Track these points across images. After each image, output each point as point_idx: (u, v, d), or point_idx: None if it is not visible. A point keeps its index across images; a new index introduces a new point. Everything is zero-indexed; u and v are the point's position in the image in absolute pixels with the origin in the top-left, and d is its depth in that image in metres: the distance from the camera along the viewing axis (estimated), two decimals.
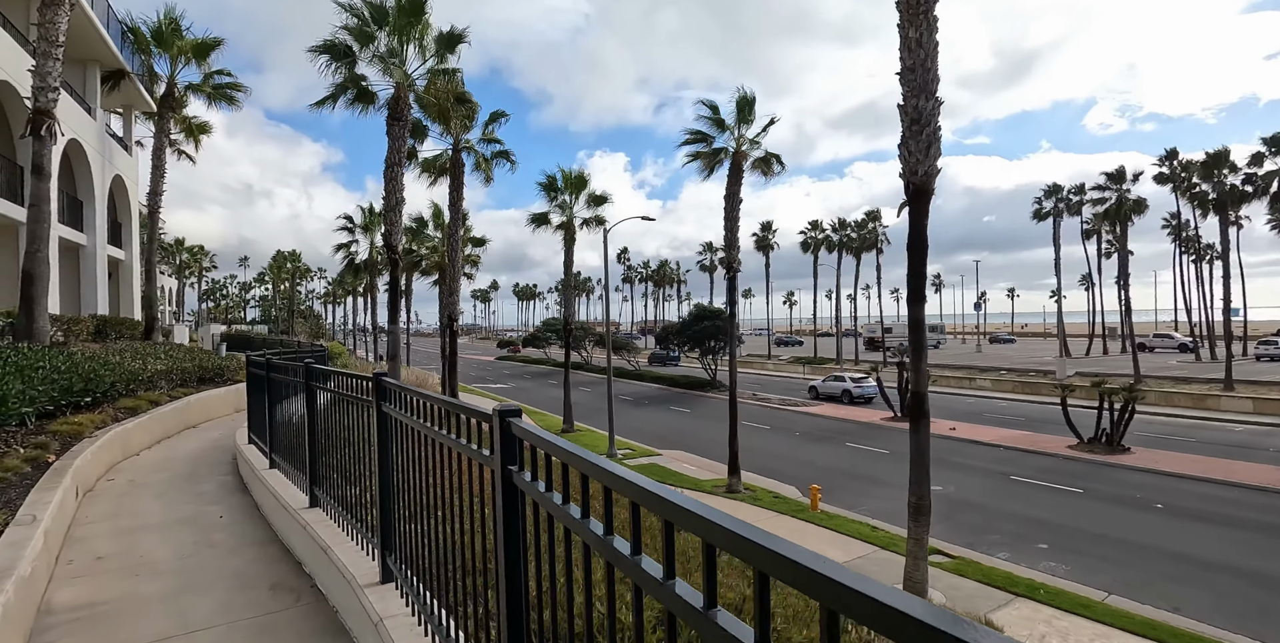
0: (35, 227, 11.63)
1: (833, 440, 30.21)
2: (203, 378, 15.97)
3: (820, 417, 36.54)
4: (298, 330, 74.58)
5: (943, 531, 18.08)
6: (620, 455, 27.28)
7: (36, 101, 11.70)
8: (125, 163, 24.36)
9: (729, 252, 21.06)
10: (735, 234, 20.85)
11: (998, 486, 22.28)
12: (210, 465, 9.01)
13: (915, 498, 9.99)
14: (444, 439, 2.66)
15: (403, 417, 3.19)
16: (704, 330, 45.64)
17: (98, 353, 13.27)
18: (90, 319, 17.41)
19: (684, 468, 25.35)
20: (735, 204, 20.73)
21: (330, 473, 4.84)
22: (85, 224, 20.38)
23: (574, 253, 32.72)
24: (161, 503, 7.10)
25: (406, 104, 18.65)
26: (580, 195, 32.05)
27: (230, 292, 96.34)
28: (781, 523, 18.18)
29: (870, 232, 60.62)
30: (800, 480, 23.22)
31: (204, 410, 13.90)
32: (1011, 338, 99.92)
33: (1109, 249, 68.87)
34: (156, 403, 12.02)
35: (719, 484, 22.21)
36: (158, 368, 13.07)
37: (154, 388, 13.00)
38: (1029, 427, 32.01)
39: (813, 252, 65.74)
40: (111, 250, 23.03)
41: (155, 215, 21.75)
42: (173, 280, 63.37)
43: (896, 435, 30.89)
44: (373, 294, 44.14)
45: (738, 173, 20.90)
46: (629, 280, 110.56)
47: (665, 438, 31.68)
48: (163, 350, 16.78)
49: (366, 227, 40.56)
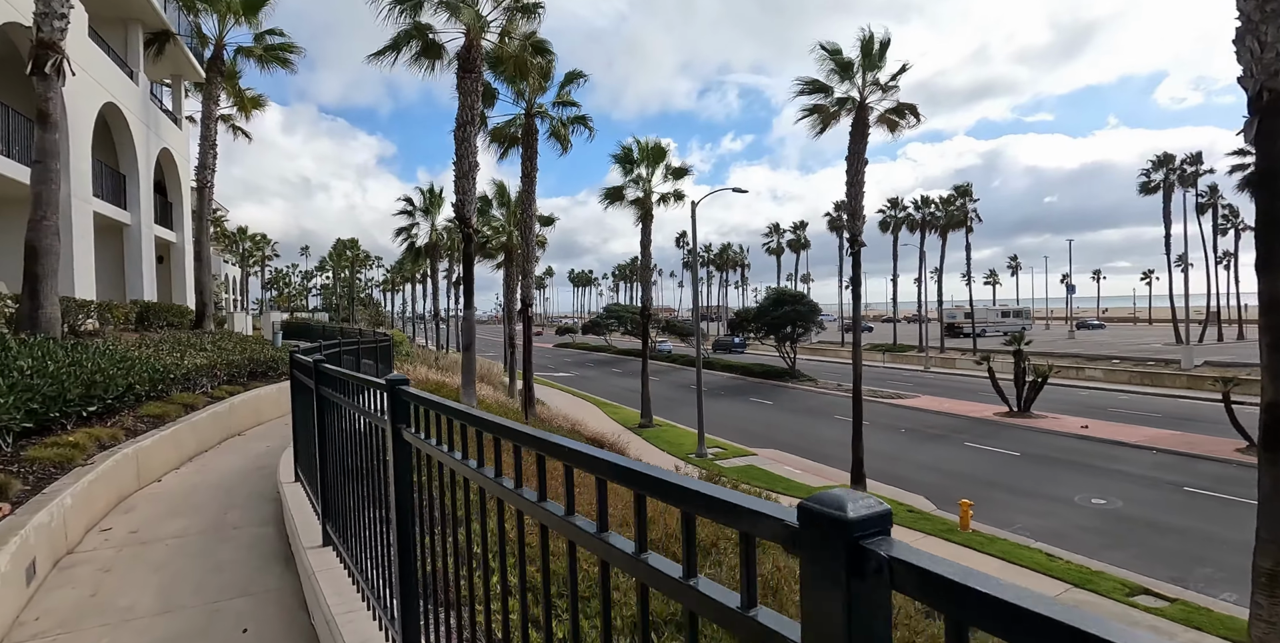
0: (41, 188, 9.32)
1: (948, 439, 26.75)
2: (254, 372, 13.70)
3: (923, 411, 32.99)
4: (358, 318, 73.92)
5: (1130, 558, 14.75)
6: (711, 455, 24.41)
7: (39, 31, 9.36)
8: (175, 137, 22.39)
9: (853, 222, 17.83)
10: (860, 201, 17.62)
11: (1173, 499, 18.67)
12: (245, 505, 6.46)
13: (1273, 563, 6.63)
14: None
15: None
16: (784, 316, 42.34)
17: (125, 346, 11.00)
18: (132, 305, 15.34)
19: (786, 471, 22.35)
20: (860, 166, 17.48)
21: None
22: (129, 201, 18.38)
23: (646, 233, 29.83)
24: (160, 588, 4.50)
25: (479, 51, 15.99)
26: (658, 168, 29.10)
27: (292, 280, 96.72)
28: (931, 548, 15.03)
29: (959, 209, 55.93)
30: (928, 489, 20.00)
31: (252, 413, 11.54)
32: (1101, 324, 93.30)
33: (1224, 225, 62.59)
34: (192, 407, 9.64)
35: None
36: (197, 363, 10.72)
37: (193, 387, 10.66)
38: (1172, 425, 27.88)
39: (892, 231, 61.36)
40: (161, 232, 21.12)
41: (205, 191, 19.64)
42: (236, 269, 62.95)
43: (1020, 434, 27.29)
44: (434, 279, 42.15)
45: (862, 128, 17.59)
46: (689, 265, 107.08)
47: (753, 434, 28.68)
48: (209, 341, 14.57)
49: (427, 209, 38.46)
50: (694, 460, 23.62)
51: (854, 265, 17.93)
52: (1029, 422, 29.33)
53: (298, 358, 5.03)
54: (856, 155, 17.69)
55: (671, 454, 24.71)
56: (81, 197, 15.10)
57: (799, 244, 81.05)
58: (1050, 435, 26.62)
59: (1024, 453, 23.90)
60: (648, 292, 30.21)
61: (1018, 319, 78.21)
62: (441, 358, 34.91)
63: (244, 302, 63.09)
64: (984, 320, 74.41)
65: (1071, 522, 17.09)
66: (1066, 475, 21.02)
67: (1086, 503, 18.38)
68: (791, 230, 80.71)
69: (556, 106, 22.74)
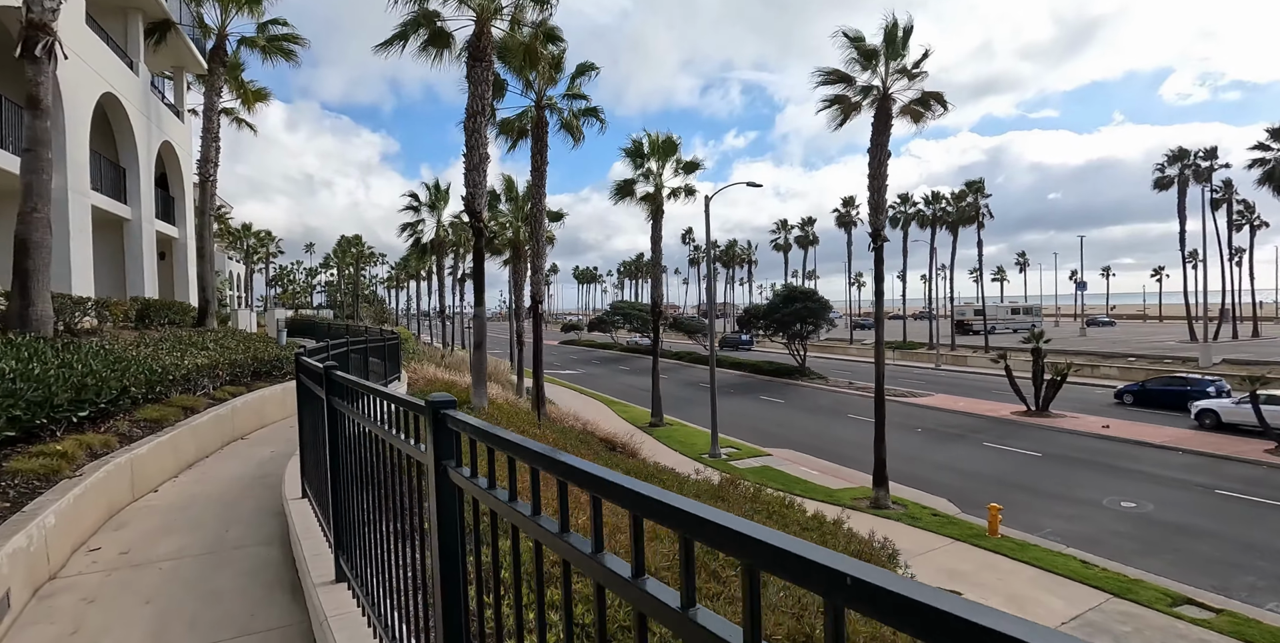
0: (32, 178, 8.76)
1: (966, 439, 26.16)
2: (258, 372, 13.18)
3: (938, 410, 32.38)
4: (362, 315, 73.48)
5: (1167, 566, 14.16)
6: (724, 455, 23.89)
7: (29, 12, 8.81)
8: (177, 130, 21.86)
9: (875, 216, 17.19)
10: (882, 195, 16.99)
11: (1205, 502, 18.07)
12: (248, 521, 5.93)
13: None
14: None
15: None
16: (794, 313, 41.71)
17: (123, 345, 10.51)
18: (131, 303, 14.81)
19: (802, 472, 21.80)
20: (883, 158, 16.86)
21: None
22: (129, 195, 17.84)
23: (657, 228, 29.24)
24: (150, 624, 3.97)
25: (490, 39, 15.42)
26: (669, 162, 28.51)
27: (297, 277, 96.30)
28: (961, 554, 14.50)
29: (969, 205, 55.16)
30: (950, 491, 19.45)
31: (256, 415, 11.02)
32: (1111, 321, 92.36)
33: (1239, 221, 61.72)
34: (193, 410, 9.12)
35: (858, 496, 18.60)
36: (197, 363, 10.20)
37: (193, 388, 10.14)
38: (1194, 424, 27.22)
39: (902, 227, 60.62)
40: (163, 227, 20.60)
41: (208, 185, 19.09)
42: (240, 266, 62.50)
43: (1039, 433, 26.68)
44: (440, 276, 41.62)
45: (885, 119, 16.95)
46: (695, 262, 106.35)
47: (765, 433, 28.15)
48: (212, 339, 14.07)
49: (433, 204, 37.88)
50: (708, 461, 23.08)
51: (877, 261, 17.29)
52: (1048, 421, 28.71)
53: (304, 362, 4.49)
54: (879, 147, 17.07)
55: (685, 454, 24.18)
56: (79, 190, 14.58)
57: (807, 240, 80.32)
58: (1071, 435, 26.01)
59: (1045, 453, 23.31)
60: (659, 288, 29.64)
61: (1028, 316, 77.42)
62: (448, 356, 34.41)
63: (248, 299, 62.68)
64: (994, 318, 73.70)
65: (1102, 526, 16.51)
66: (1091, 477, 20.43)
67: (1115, 506, 17.79)
68: (799, 227, 79.98)
69: (567, 99, 22.17)
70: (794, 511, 13.89)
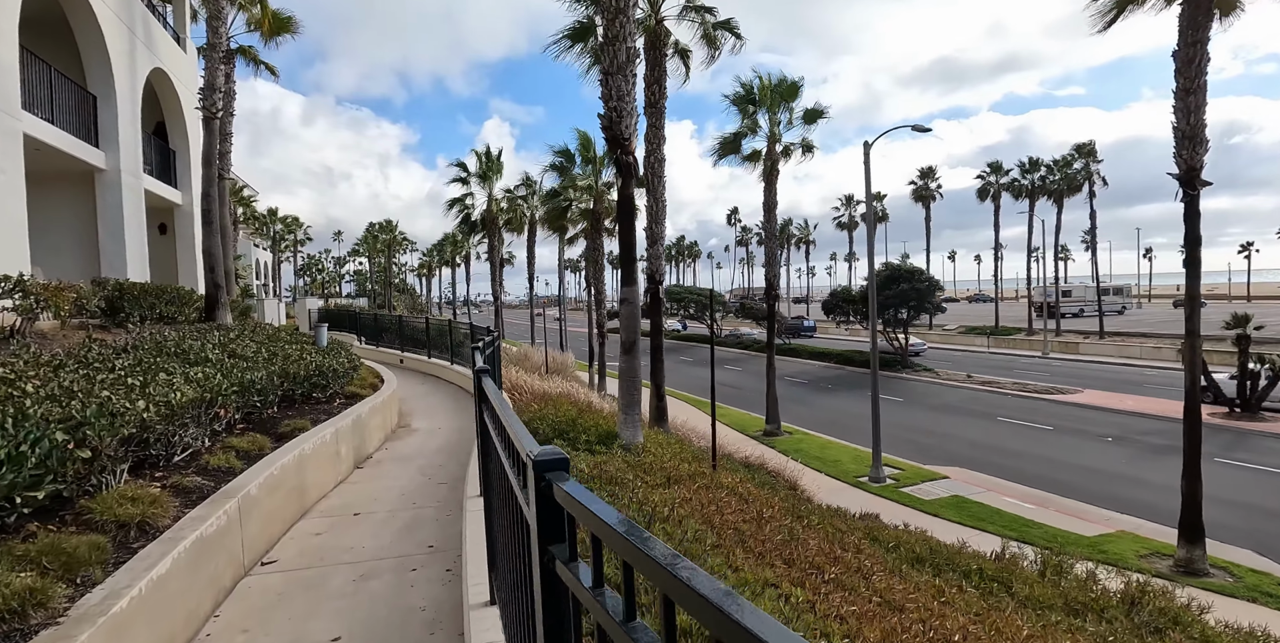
0: None
1: (1180, 451, 20.34)
2: (288, 397, 7.92)
3: (1103, 410, 26.56)
4: (396, 304, 68.89)
5: None
6: (888, 478, 18.33)
7: None
8: (177, 61, 16.54)
9: (1192, 150, 11.37)
10: (1201, 114, 11.31)
11: None
12: None
13: None
14: None
15: None
16: (898, 295, 35.86)
17: (25, 365, 5.28)
18: (95, 287, 9.56)
19: (1012, 505, 16.23)
20: (1202, 61, 11.17)
21: None
22: (102, 134, 12.59)
23: (771, 192, 23.59)
24: None
25: None
26: (788, 110, 22.84)
27: (325, 267, 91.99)
28: None
29: (1079, 171, 48.48)
30: (1242, 537, 13.94)
31: (290, 499, 5.76)
32: (1203, 302, 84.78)
33: None
34: (146, 526, 3.85)
35: (1141, 550, 13.08)
36: (175, 400, 4.94)
37: (164, 457, 4.91)
38: None
39: (993, 199, 54.18)
40: (159, 188, 15.40)
41: (214, 124, 13.60)
42: (268, 254, 57.87)
43: (1273, 443, 20.85)
44: (494, 257, 36.35)
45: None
46: (743, 243, 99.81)
47: (915, 444, 22.62)
48: (219, 343, 8.79)
49: (485, 174, 32.54)
50: (872, 488, 17.64)
51: (1191, 215, 11.63)
52: (1265, 426, 22.86)
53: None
54: (1199, 44, 11.35)
55: (835, 477, 18.73)
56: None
57: (876, 217, 73.86)
58: None
59: None
60: (774, 266, 24.01)
61: (1117, 297, 70.37)
62: (531, 356, 29.07)
63: (276, 288, 58.14)
64: (1081, 299, 67.03)
65: None
66: None
67: None
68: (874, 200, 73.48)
69: (687, 11, 16.53)
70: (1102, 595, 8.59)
